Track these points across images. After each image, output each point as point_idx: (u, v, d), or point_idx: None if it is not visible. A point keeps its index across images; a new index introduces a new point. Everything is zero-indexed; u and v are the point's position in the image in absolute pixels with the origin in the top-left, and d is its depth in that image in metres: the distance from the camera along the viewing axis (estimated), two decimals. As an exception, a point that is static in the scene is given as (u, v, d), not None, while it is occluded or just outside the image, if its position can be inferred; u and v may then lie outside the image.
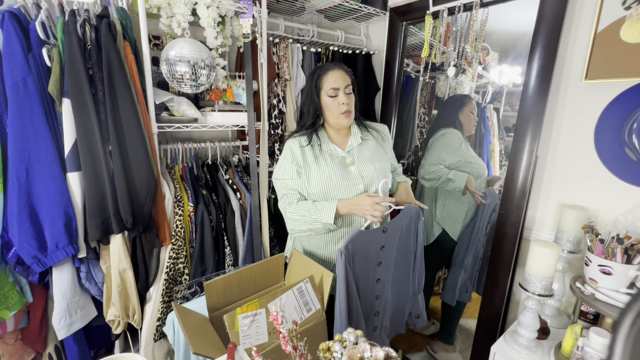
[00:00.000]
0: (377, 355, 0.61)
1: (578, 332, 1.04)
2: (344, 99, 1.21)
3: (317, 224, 1.17)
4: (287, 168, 1.24)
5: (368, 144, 1.32)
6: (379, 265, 1.22)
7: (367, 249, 1.16)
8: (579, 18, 1.21)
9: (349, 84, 1.23)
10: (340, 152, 1.28)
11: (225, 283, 1.18)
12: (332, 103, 1.22)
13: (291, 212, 1.22)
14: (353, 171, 1.25)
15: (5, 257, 1.21)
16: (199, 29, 1.47)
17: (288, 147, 1.26)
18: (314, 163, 1.23)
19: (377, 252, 1.20)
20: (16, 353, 1.36)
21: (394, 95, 1.91)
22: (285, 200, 1.25)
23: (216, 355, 0.94)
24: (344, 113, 1.22)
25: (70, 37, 1.16)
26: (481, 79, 1.94)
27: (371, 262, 1.19)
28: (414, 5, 1.72)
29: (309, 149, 1.25)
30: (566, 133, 1.29)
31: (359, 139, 1.30)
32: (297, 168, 1.23)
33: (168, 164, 1.63)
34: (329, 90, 1.20)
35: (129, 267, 1.34)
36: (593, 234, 1.08)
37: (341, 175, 1.22)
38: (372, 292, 1.24)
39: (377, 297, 1.25)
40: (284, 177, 1.25)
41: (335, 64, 1.25)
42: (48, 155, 1.18)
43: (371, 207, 1.10)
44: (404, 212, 1.23)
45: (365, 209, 1.11)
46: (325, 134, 1.30)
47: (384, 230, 1.18)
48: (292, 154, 1.24)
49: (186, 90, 1.41)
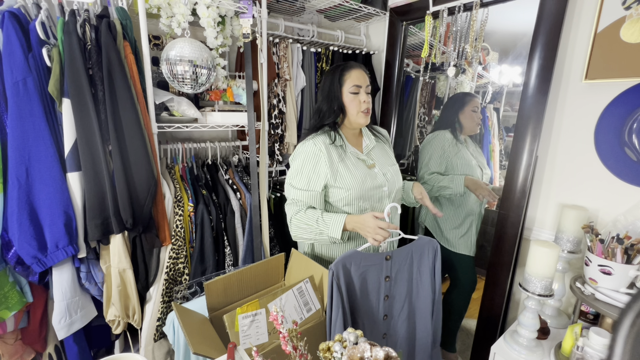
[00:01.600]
0: (377, 355, 0.61)
1: (578, 332, 1.04)
2: (365, 97, 1.20)
3: (322, 235, 1.13)
4: (308, 178, 1.17)
5: (379, 147, 1.31)
6: (385, 300, 1.12)
7: (365, 274, 1.07)
8: (579, 18, 1.21)
9: (368, 84, 1.22)
10: (360, 154, 1.25)
11: (225, 283, 1.18)
12: (353, 100, 1.20)
13: (297, 220, 1.16)
14: (378, 173, 1.22)
15: (5, 257, 1.21)
16: (199, 29, 1.47)
17: (311, 152, 1.17)
18: (343, 166, 1.18)
19: (380, 282, 1.10)
20: (16, 353, 1.36)
21: (394, 96, 1.91)
22: (294, 207, 1.18)
23: (216, 355, 0.94)
24: (364, 111, 1.20)
25: (70, 37, 1.16)
26: (481, 79, 1.94)
27: (372, 292, 1.09)
28: (414, 5, 1.72)
29: (334, 150, 1.19)
30: (566, 133, 1.29)
31: (373, 140, 1.29)
32: (323, 178, 1.16)
33: (168, 164, 1.63)
34: (352, 87, 1.19)
35: (129, 267, 1.34)
36: (593, 234, 1.08)
37: (369, 178, 1.19)
38: (379, 330, 1.14)
39: (383, 335, 1.14)
40: (302, 188, 1.17)
41: (357, 64, 1.23)
42: (48, 155, 1.18)
43: (373, 230, 1.03)
44: (416, 244, 1.13)
45: (367, 230, 1.05)
46: (343, 135, 1.26)
47: (387, 258, 1.08)
48: (316, 161, 1.16)
49: (186, 90, 1.41)
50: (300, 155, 1.19)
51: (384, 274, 1.10)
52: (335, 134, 1.22)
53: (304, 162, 1.18)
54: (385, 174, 1.24)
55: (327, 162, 1.16)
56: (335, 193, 1.18)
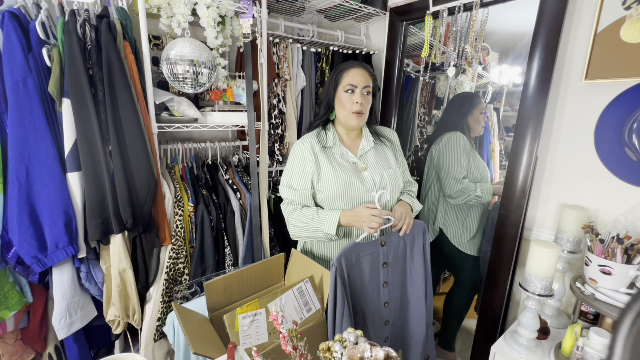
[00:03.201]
0: (377, 355, 0.61)
1: (578, 332, 1.04)
2: (359, 98, 1.17)
3: (318, 232, 1.15)
4: (298, 177, 1.20)
5: (379, 150, 1.28)
6: (384, 287, 1.14)
7: (365, 264, 1.10)
8: (579, 18, 1.21)
9: (368, 85, 1.19)
10: (351, 156, 1.23)
11: (225, 283, 1.18)
12: (346, 99, 1.18)
13: (294, 219, 1.19)
14: (367, 177, 1.21)
15: (5, 257, 1.21)
16: (199, 29, 1.47)
17: (299, 151, 1.20)
18: (328, 166, 1.18)
19: (379, 270, 1.13)
20: (16, 353, 1.36)
21: (394, 95, 1.91)
22: (290, 207, 1.22)
23: (216, 355, 0.94)
24: (355, 113, 1.18)
25: (70, 37, 1.16)
26: (481, 79, 1.94)
27: (373, 280, 1.12)
28: (414, 5, 1.72)
29: (320, 150, 1.20)
30: (566, 133, 1.29)
31: (371, 142, 1.26)
32: (310, 177, 1.18)
33: (168, 164, 1.63)
34: (346, 85, 1.18)
35: (129, 267, 1.34)
36: (593, 234, 1.08)
37: (355, 182, 1.18)
38: (381, 317, 1.16)
39: (386, 322, 1.17)
40: (294, 187, 1.21)
41: (360, 63, 1.21)
42: (48, 155, 1.18)
43: (368, 219, 1.06)
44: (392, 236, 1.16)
45: (362, 220, 1.08)
46: (337, 134, 1.26)
47: (382, 244, 1.13)
48: (303, 160, 1.19)
49: (187, 90, 1.41)
50: (291, 155, 1.23)
51: (381, 260, 1.14)
52: (324, 133, 1.23)
53: (294, 161, 1.21)
54: (374, 177, 1.21)
55: (314, 161, 1.18)
56: (318, 194, 1.20)
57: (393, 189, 1.23)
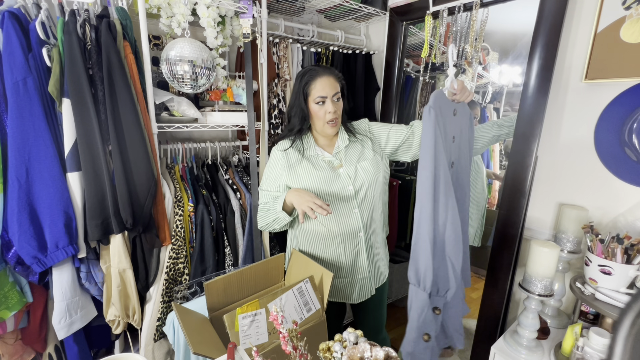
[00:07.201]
0: (377, 355, 0.61)
1: (578, 332, 1.04)
2: (331, 107, 1.19)
3: (276, 214, 1.21)
4: (273, 182, 1.28)
5: (355, 145, 1.30)
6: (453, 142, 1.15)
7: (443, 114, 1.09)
8: (579, 18, 1.21)
9: (337, 92, 1.20)
10: (327, 155, 1.27)
11: (225, 283, 1.18)
12: (319, 111, 1.20)
13: (259, 211, 1.30)
14: (342, 173, 1.23)
15: (5, 257, 1.21)
16: (199, 29, 1.47)
17: (273, 157, 1.29)
18: (301, 168, 1.23)
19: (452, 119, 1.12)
20: (16, 353, 1.36)
21: (394, 95, 1.91)
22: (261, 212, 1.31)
23: (216, 355, 0.94)
24: (330, 122, 1.21)
25: (70, 37, 1.16)
26: (481, 79, 1.94)
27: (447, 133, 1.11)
28: (414, 5, 1.72)
29: (294, 154, 1.26)
30: (566, 133, 1.29)
31: (346, 140, 1.29)
32: (282, 181, 1.25)
33: (168, 164, 1.63)
34: (317, 97, 1.18)
35: (129, 267, 1.34)
36: (593, 234, 1.08)
37: (331, 179, 1.22)
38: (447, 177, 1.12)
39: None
40: (267, 189, 1.30)
41: (325, 69, 1.21)
42: (48, 155, 1.18)
43: (308, 202, 1.08)
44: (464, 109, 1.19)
45: (304, 201, 1.09)
46: (312, 138, 1.30)
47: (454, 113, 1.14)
48: (276, 165, 1.27)
49: (186, 90, 1.40)
50: (268, 160, 1.32)
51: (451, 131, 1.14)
52: (298, 139, 1.27)
53: (269, 166, 1.31)
54: (349, 172, 1.23)
55: (286, 165, 1.24)
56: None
57: (371, 183, 1.23)
